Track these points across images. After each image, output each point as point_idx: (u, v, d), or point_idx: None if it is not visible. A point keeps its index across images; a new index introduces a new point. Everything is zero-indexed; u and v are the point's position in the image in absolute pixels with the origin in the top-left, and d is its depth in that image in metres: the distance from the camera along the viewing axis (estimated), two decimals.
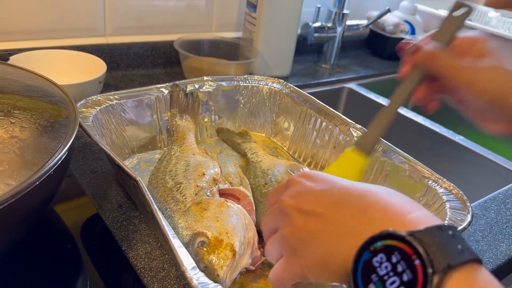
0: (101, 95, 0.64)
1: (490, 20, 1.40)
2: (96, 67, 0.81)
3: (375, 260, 0.29)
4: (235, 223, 0.48)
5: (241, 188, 0.57)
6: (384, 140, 0.65)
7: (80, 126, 0.55)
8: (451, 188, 0.56)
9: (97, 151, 0.69)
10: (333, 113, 0.71)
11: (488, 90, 0.44)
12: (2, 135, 0.43)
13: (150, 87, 0.70)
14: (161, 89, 0.70)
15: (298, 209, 0.36)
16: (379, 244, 0.29)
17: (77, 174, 0.63)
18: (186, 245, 0.44)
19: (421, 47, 0.47)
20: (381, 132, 0.48)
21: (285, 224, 0.37)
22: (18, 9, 0.85)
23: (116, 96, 0.65)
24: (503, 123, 0.46)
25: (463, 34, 0.48)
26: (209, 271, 0.44)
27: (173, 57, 1.05)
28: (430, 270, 0.26)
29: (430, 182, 0.57)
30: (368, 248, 0.29)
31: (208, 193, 0.53)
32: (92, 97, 0.63)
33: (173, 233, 0.42)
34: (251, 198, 0.57)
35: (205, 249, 0.46)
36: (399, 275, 0.27)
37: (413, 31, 1.38)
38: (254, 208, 0.56)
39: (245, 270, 0.49)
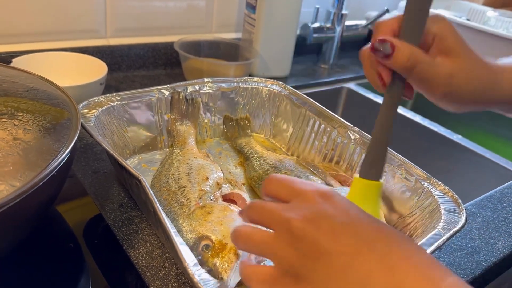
0: (103, 96, 0.65)
1: (488, 20, 1.41)
2: (98, 69, 0.82)
3: None
4: None
5: (235, 190, 0.58)
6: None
7: (83, 126, 0.56)
8: (446, 190, 0.57)
9: (99, 152, 0.70)
10: (332, 115, 0.72)
11: (463, 98, 0.43)
12: (6, 137, 0.44)
13: (151, 88, 0.70)
14: (162, 90, 0.71)
15: (313, 241, 0.31)
16: None
17: (79, 174, 0.64)
18: (191, 248, 0.45)
19: (398, 50, 0.40)
20: (385, 155, 0.43)
21: (290, 239, 0.32)
22: (20, 12, 0.86)
23: (117, 97, 0.66)
24: (455, 107, 0.46)
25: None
26: (213, 275, 0.44)
27: (174, 58, 1.06)
28: None
29: (426, 184, 0.58)
30: None
31: (211, 197, 0.54)
32: (94, 98, 0.64)
33: (175, 230, 0.43)
34: (245, 197, 0.58)
35: (209, 252, 0.47)
36: None
37: None
38: None
39: None
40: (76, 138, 0.46)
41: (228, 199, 0.57)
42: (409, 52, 0.40)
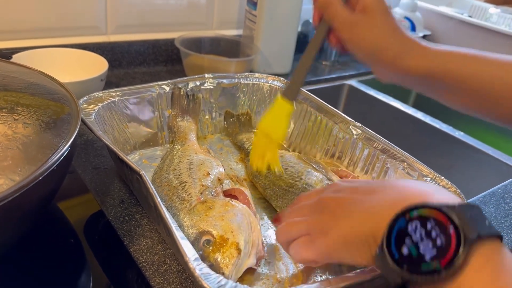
0: (104, 91, 0.65)
1: (490, 17, 1.41)
2: (98, 65, 0.82)
3: (410, 227, 0.31)
4: (240, 222, 0.49)
5: (237, 186, 0.58)
6: (383, 138, 0.65)
7: (83, 121, 0.56)
8: (448, 186, 0.56)
9: (99, 148, 0.69)
10: (333, 111, 0.71)
11: (363, 47, 0.51)
12: (6, 132, 0.44)
13: (151, 84, 0.70)
14: (163, 86, 0.71)
15: (336, 199, 0.41)
16: (415, 213, 0.32)
17: (80, 170, 0.64)
18: (192, 244, 0.44)
19: None
20: (302, 80, 0.55)
21: (319, 209, 0.42)
22: (20, 8, 0.86)
23: (118, 93, 0.66)
24: (382, 71, 0.53)
25: None
26: (215, 270, 0.44)
27: (174, 54, 1.05)
28: (463, 238, 0.29)
29: (428, 179, 0.58)
30: (403, 216, 0.32)
31: (212, 193, 0.54)
32: (95, 93, 0.64)
33: (176, 225, 0.43)
34: (246, 193, 0.57)
35: (210, 247, 0.46)
36: (433, 240, 0.30)
37: (413, 28, 1.39)
38: (252, 202, 0.57)
39: None
40: (76, 132, 0.46)
41: (230, 194, 0.57)
42: None
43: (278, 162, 0.59)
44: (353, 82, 1.17)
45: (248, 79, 0.79)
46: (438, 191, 0.36)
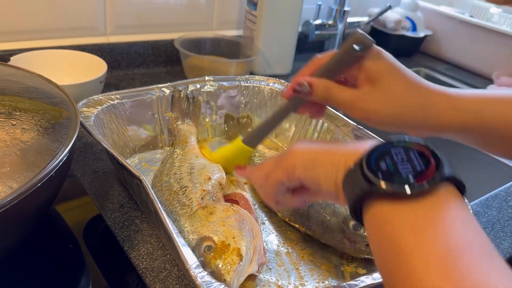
0: (103, 94, 0.64)
1: (492, 17, 1.40)
2: (97, 67, 0.81)
3: (394, 151, 0.33)
4: (241, 227, 0.48)
5: (238, 190, 0.57)
6: (383, 140, 0.64)
7: (82, 125, 0.55)
8: None
9: (99, 152, 0.69)
10: (335, 114, 0.71)
11: (382, 122, 0.47)
12: (3, 137, 0.43)
13: (151, 86, 0.70)
14: (163, 88, 0.70)
15: (302, 149, 0.42)
16: (401, 143, 0.33)
17: (79, 174, 0.63)
18: (193, 250, 0.44)
19: (312, 85, 0.49)
20: (267, 134, 0.58)
21: (285, 155, 0.43)
22: (18, 10, 0.85)
23: (117, 96, 0.65)
24: (415, 133, 0.48)
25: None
26: (216, 276, 0.43)
27: (174, 55, 1.05)
28: (441, 169, 0.31)
29: None
30: (390, 143, 0.34)
31: (213, 198, 0.53)
32: (94, 96, 0.63)
33: (177, 231, 0.43)
34: (247, 197, 0.57)
35: (211, 253, 0.45)
36: (412, 164, 0.32)
37: (414, 28, 1.38)
38: (253, 207, 0.56)
39: None
40: (75, 137, 0.46)
41: (230, 199, 0.56)
42: (324, 86, 0.48)
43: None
44: None
45: (248, 81, 0.79)
46: None
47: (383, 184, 0.31)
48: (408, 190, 0.30)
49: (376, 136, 0.65)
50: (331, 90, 0.48)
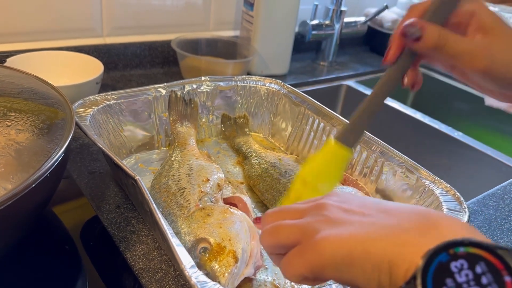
0: (99, 95, 0.64)
1: None
2: (94, 68, 0.81)
3: (454, 265, 0.26)
4: (238, 230, 0.48)
5: (237, 194, 0.57)
6: (381, 141, 0.64)
7: (78, 126, 0.55)
8: (448, 189, 0.56)
9: (95, 152, 0.69)
10: (331, 113, 0.71)
11: (508, 75, 0.42)
12: None
13: (148, 87, 0.69)
14: (159, 89, 0.70)
15: (340, 207, 0.33)
16: (461, 249, 0.27)
17: (75, 175, 0.63)
18: (189, 251, 0.44)
19: (424, 29, 0.41)
20: (365, 125, 0.44)
21: (317, 213, 0.33)
22: (14, 11, 0.85)
23: (114, 96, 0.65)
24: (497, 93, 0.45)
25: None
26: (211, 278, 0.43)
27: (171, 56, 1.05)
28: None
29: (427, 183, 0.57)
30: (446, 250, 0.27)
31: (212, 199, 0.53)
32: (90, 97, 0.63)
33: (172, 232, 0.42)
34: (246, 201, 0.57)
35: (207, 255, 0.45)
36: (483, 287, 0.25)
37: None
38: (251, 210, 0.56)
39: None
40: (70, 138, 0.46)
41: (229, 202, 0.56)
42: (438, 32, 0.41)
43: None
44: (351, 83, 1.16)
45: (245, 81, 0.79)
46: (466, 226, 0.30)
47: None
48: None
49: (375, 137, 0.65)
50: (446, 37, 0.41)
